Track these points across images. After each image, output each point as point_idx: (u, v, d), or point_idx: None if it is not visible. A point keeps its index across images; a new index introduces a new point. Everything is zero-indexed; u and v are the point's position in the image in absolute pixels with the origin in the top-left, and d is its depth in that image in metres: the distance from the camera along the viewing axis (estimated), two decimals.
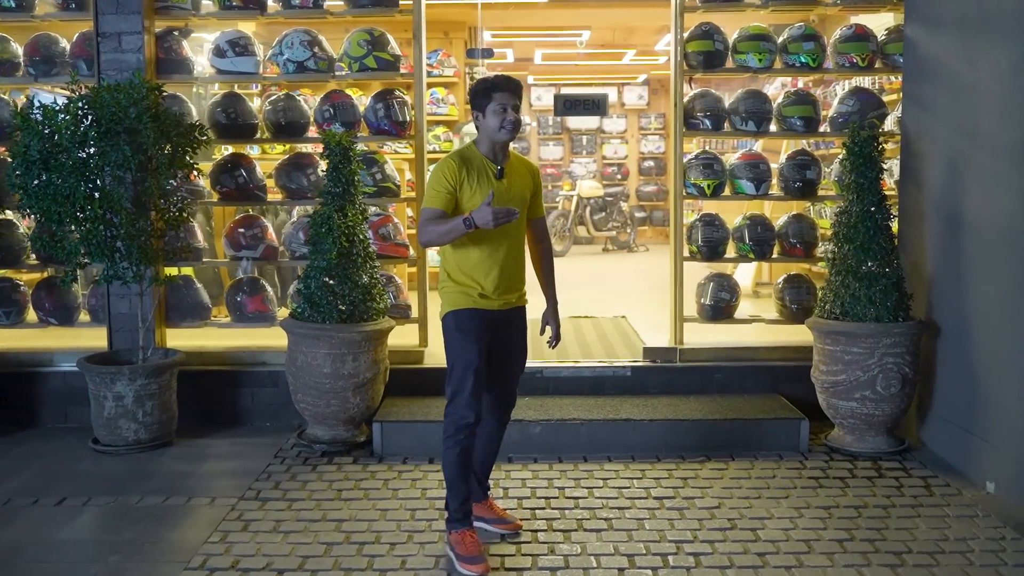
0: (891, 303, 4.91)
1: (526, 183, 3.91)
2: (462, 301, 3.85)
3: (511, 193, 3.81)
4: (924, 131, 5.23)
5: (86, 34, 5.69)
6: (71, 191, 4.83)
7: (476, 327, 3.81)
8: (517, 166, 3.90)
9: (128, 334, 5.55)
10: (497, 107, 3.71)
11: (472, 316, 3.82)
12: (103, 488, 4.63)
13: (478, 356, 3.79)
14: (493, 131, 3.74)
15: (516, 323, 3.98)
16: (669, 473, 4.78)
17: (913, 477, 4.69)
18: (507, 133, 3.74)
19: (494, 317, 3.86)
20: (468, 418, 3.76)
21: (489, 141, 3.80)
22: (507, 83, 3.74)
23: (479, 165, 3.79)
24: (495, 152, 3.82)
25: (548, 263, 4.10)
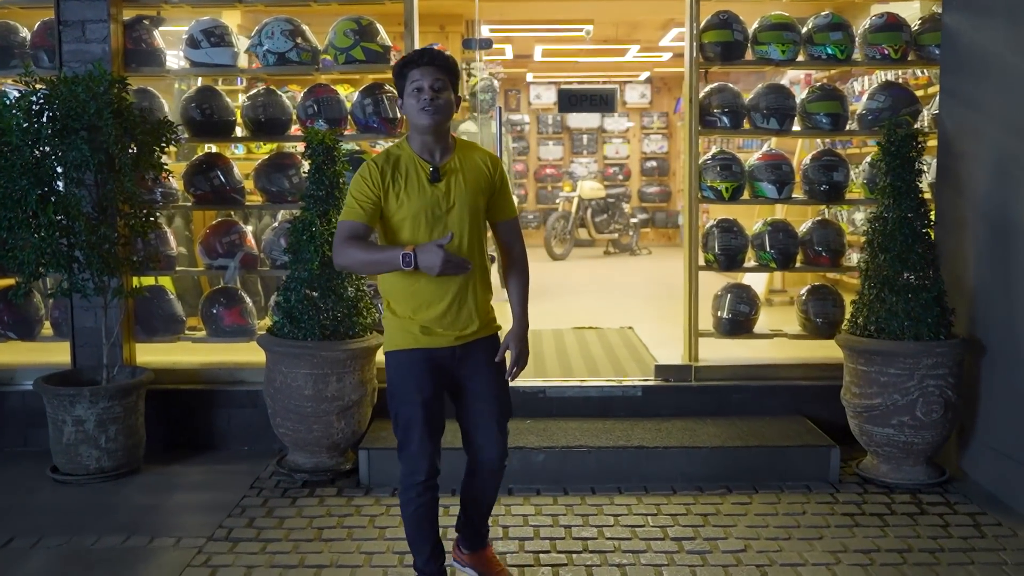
0: (932, 319, 4.44)
1: (480, 180, 3.19)
2: (400, 339, 3.19)
3: (455, 197, 3.13)
4: (966, 129, 4.76)
5: (48, 23, 5.21)
6: (23, 195, 4.34)
7: (419, 373, 3.15)
8: (467, 160, 3.20)
9: (94, 350, 5.07)
10: (412, 87, 3.07)
11: (413, 359, 3.16)
12: (57, 525, 4.16)
13: (422, 408, 3.14)
14: (413, 116, 3.09)
15: (481, 359, 3.25)
16: (687, 508, 4.30)
17: (959, 514, 4.21)
18: (428, 116, 3.05)
19: (444, 356, 3.19)
20: (417, 476, 3.17)
21: (416, 133, 3.14)
22: (421, 56, 3.10)
23: (409, 165, 3.13)
24: (428, 146, 3.14)
25: (519, 275, 3.35)
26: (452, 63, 3.16)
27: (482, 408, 3.29)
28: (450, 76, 3.13)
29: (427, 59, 3.09)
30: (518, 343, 3.28)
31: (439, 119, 3.09)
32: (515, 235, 3.36)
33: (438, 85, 3.07)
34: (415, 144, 3.17)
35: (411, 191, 3.11)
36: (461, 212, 3.14)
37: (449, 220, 3.12)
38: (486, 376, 3.27)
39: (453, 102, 3.15)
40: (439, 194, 3.12)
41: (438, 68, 3.09)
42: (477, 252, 3.19)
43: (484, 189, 3.21)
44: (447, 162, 3.17)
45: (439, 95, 3.06)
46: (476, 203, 3.18)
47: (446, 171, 3.15)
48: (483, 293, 3.26)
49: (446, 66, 3.12)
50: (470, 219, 3.16)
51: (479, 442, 3.32)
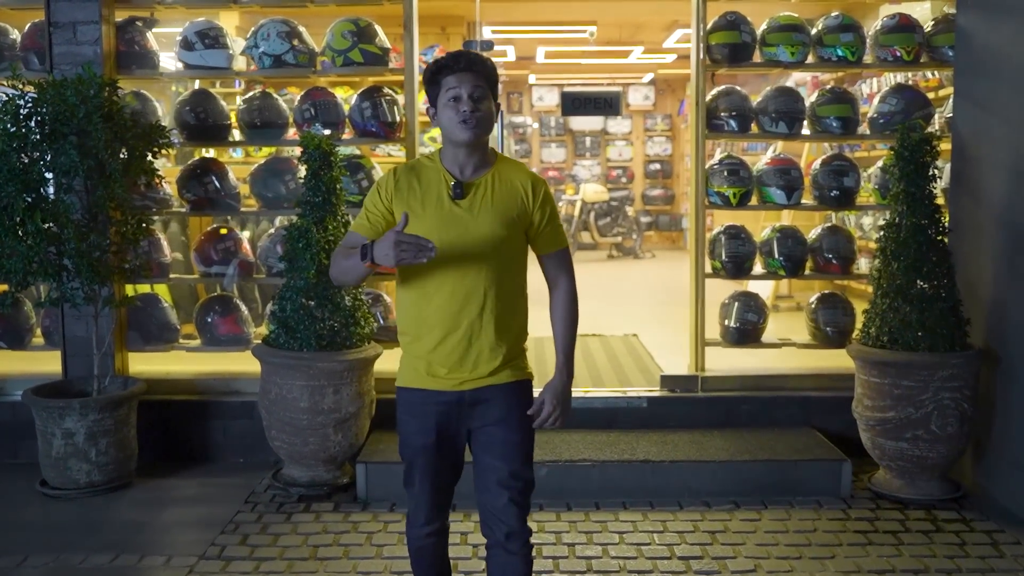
0: (947, 329, 4.31)
1: (512, 204, 2.74)
2: (406, 374, 2.82)
3: (478, 217, 2.70)
4: (981, 133, 4.63)
5: (38, 24, 5.09)
6: (9, 202, 4.21)
7: (420, 416, 2.76)
8: (503, 180, 2.77)
9: (85, 359, 4.94)
10: (448, 96, 2.69)
11: (415, 399, 2.79)
12: (45, 542, 4.02)
13: (421, 455, 2.78)
14: (449, 129, 2.70)
15: (494, 410, 2.75)
16: (694, 525, 4.17)
17: (976, 532, 4.07)
18: (467, 130, 2.66)
19: (448, 402, 2.75)
20: (416, 519, 2.87)
21: (450, 146, 2.76)
22: (457, 61, 2.70)
23: (434, 179, 2.75)
24: (459, 160, 2.75)
25: (563, 314, 2.87)
26: (492, 68, 2.77)
27: (491, 471, 2.77)
28: (490, 83, 2.74)
29: (464, 64, 2.71)
30: (555, 398, 2.76)
31: (479, 133, 2.70)
32: (560, 269, 2.88)
33: (478, 94, 2.68)
34: (447, 157, 2.78)
35: (427, 206, 2.72)
36: (482, 237, 2.70)
37: (468, 246, 2.70)
38: (500, 432, 2.76)
39: (494, 112, 2.76)
40: (459, 212, 2.71)
41: (477, 74, 2.71)
42: (503, 285, 2.74)
43: (517, 215, 2.75)
44: (478, 178, 2.75)
45: (479, 105, 2.68)
46: (503, 229, 2.73)
47: (475, 187, 2.74)
48: (507, 330, 2.77)
49: (486, 72, 2.74)
50: (492, 247, 2.71)
51: (487, 512, 2.81)
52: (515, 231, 2.75)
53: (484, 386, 2.74)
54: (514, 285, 2.80)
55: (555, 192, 15.89)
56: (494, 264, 2.71)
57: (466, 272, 2.69)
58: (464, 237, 2.69)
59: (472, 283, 2.70)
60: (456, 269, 2.69)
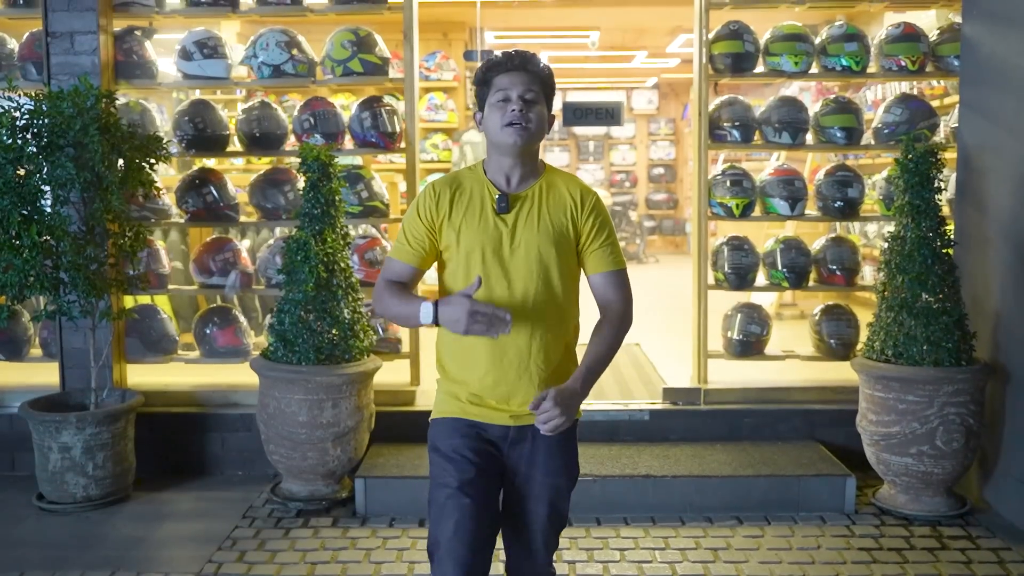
0: (952, 344, 4.25)
1: (561, 217, 2.51)
2: (445, 404, 2.58)
3: (523, 234, 2.48)
4: (987, 144, 4.58)
5: (36, 34, 5.04)
6: (5, 215, 4.17)
7: (460, 448, 2.49)
8: (551, 191, 2.53)
9: (83, 371, 4.90)
10: (497, 97, 2.47)
11: (455, 431, 2.52)
12: (41, 558, 3.99)
13: (459, 494, 2.43)
14: (494, 133, 2.47)
15: (539, 450, 2.53)
16: (696, 542, 4.12)
17: (982, 549, 4.02)
18: (515, 134, 2.42)
19: (496, 436, 2.54)
20: None
21: (495, 153, 2.53)
22: (510, 60, 2.49)
23: (476, 191, 2.52)
24: (505, 169, 2.52)
25: (606, 330, 2.53)
26: (548, 73, 2.53)
27: (528, 512, 2.56)
28: (545, 88, 2.51)
29: (519, 62, 2.49)
30: (560, 398, 2.32)
31: (528, 138, 2.45)
32: (615, 290, 2.57)
33: (530, 96, 2.46)
34: (491, 167, 2.55)
35: (470, 221, 2.49)
36: (528, 255, 2.48)
37: (513, 264, 2.47)
38: (542, 473, 2.53)
39: (546, 120, 2.52)
40: (503, 229, 2.48)
41: (531, 76, 2.48)
42: (553, 308, 2.51)
43: (565, 230, 2.51)
44: (525, 190, 2.52)
45: (530, 108, 2.45)
46: (551, 246, 2.49)
47: (521, 200, 2.51)
48: (558, 362, 2.54)
49: (541, 75, 2.51)
50: (540, 265, 2.48)
51: (514, 550, 2.65)
52: (565, 248, 2.51)
53: (532, 423, 2.43)
54: (565, 308, 2.55)
55: None
56: (543, 285, 2.49)
57: (513, 293, 2.47)
58: (510, 255, 2.48)
59: (520, 306, 2.46)
60: (502, 290, 2.47)
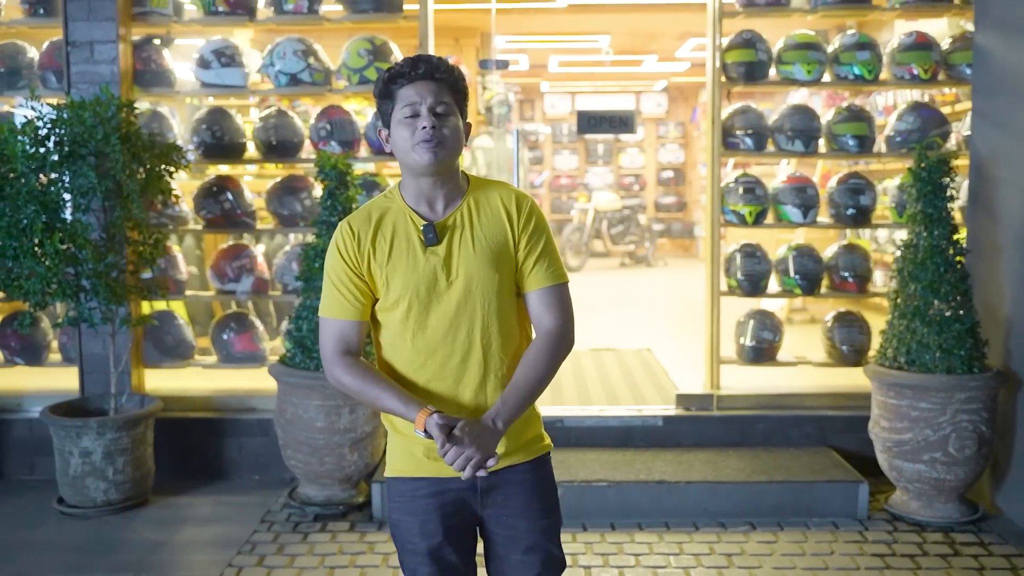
0: (965, 351, 4.28)
1: (498, 230, 2.22)
2: (399, 462, 2.27)
3: (460, 266, 2.18)
4: (1000, 152, 4.60)
5: (56, 43, 5.11)
6: (28, 223, 4.23)
7: (423, 511, 2.23)
8: (482, 207, 2.23)
9: (102, 376, 4.96)
10: (404, 112, 2.15)
11: (415, 493, 2.23)
12: (63, 562, 4.04)
13: (428, 560, 2.24)
14: (405, 152, 2.15)
15: (516, 493, 2.27)
16: (710, 547, 4.15)
17: (994, 556, 4.05)
18: (427, 151, 2.12)
19: (457, 490, 2.23)
20: None
21: (410, 176, 2.20)
22: (414, 67, 2.15)
23: (399, 224, 2.20)
24: (426, 194, 2.20)
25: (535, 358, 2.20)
26: (459, 77, 2.22)
27: (518, 562, 2.30)
28: (457, 96, 2.21)
29: (424, 71, 2.16)
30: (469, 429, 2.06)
31: (444, 156, 2.14)
32: (551, 309, 2.24)
33: (442, 108, 2.15)
34: (409, 192, 2.22)
35: (398, 262, 2.18)
36: (469, 286, 2.18)
37: (453, 301, 2.18)
38: (526, 519, 2.28)
39: (462, 131, 2.21)
40: (436, 263, 2.17)
41: (440, 84, 2.17)
42: (505, 339, 2.22)
43: (505, 246, 2.21)
44: (451, 214, 2.21)
45: (444, 121, 2.15)
46: (492, 269, 2.19)
47: (447, 229, 2.19)
48: None
49: (452, 81, 2.19)
50: (483, 295, 2.18)
51: None
52: (507, 267, 2.22)
53: (501, 468, 2.21)
54: (517, 336, 2.27)
55: (567, 199, 15.84)
56: (490, 316, 2.19)
57: (458, 332, 2.18)
58: (449, 291, 2.18)
59: (466, 344, 2.19)
60: (445, 330, 2.18)
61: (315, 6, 5.15)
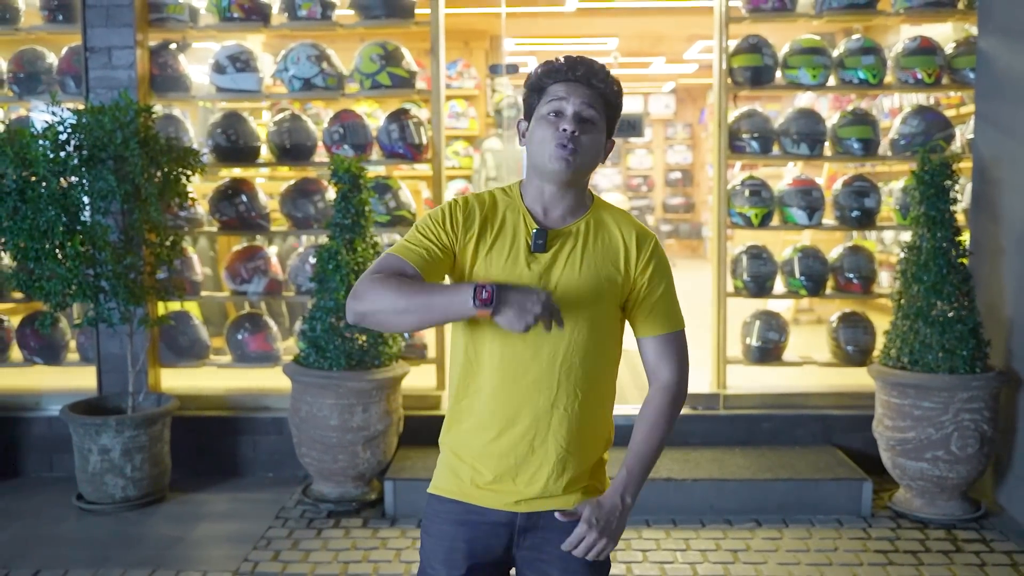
0: (967, 352, 4.35)
1: (610, 262, 2.05)
2: (441, 478, 2.14)
3: (561, 278, 2.02)
4: (1002, 156, 4.68)
5: (74, 49, 5.21)
6: (50, 225, 4.33)
7: (452, 537, 2.08)
8: (599, 229, 2.07)
9: (119, 375, 5.06)
10: (549, 108, 2.01)
11: (449, 515, 2.10)
12: (83, 557, 4.14)
13: None
14: (537, 153, 2.02)
15: (551, 546, 2.04)
16: (716, 544, 4.24)
17: (996, 552, 4.12)
18: (559, 159, 1.97)
19: (494, 524, 2.07)
20: None
21: (535, 177, 2.06)
22: (573, 69, 2.01)
23: (510, 219, 2.06)
24: (546, 198, 2.06)
25: (655, 421, 2.10)
26: (616, 91, 2.06)
27: None
28: (608, 110, 2.05)
29: (582, 73, 2.02)
30: (598, 513, 1.95)
31: (577, 166, 2.00)
32: (670, 359, 2.10)
33: (588, 114, 2.00)
34: (529, 192, 2.08)
35: (498, 254, 2.03)
36: (563, 305, 1.98)
37: None
38: (559, 570, 2.06)
39: (603, 146, 2.06)
40: (538, 269, 2.02)
41: (594, 91, 2.02)
42: (585, 372, 2.04)
43: (613, 280, 2.05)
44: (568, 226, 2.06)
45: (586, 129, 2.00)
46: (593, 297, 2.03)
47: (559, 238, 2.04)
48: (584, 433, 2.08)
49: (606, 93, 2.04)
50: (575, 319, 2.01)
51: None
52: (609, 302, 2.06)
53: (545, 510, 2.04)
54: (600, 373, 2.08)
55: None
56: (576, 344, 2.02)
57: (538, 350, 2.01)
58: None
59: (544, 366, 2.01)
60: (524, 345, 2.00)
61: (328, 12, 5.25)
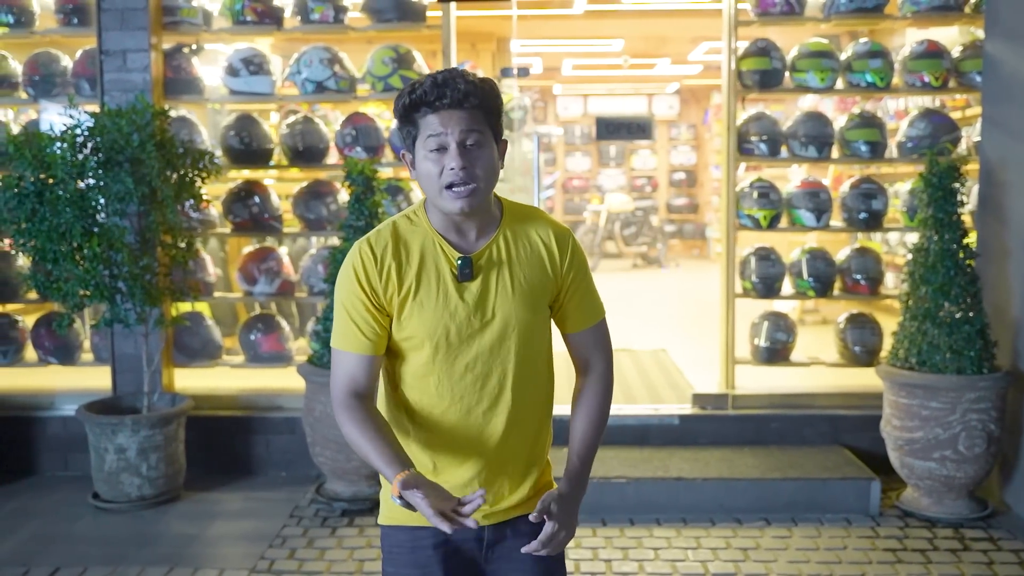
0: (974, 352, 4.40)
1: (538, 273, 2.00)
2: (396, 508, 1.99)
3: (500, 305, 1.96)
4: (1009, 158, 4.72)
5: (89, 52, 5.27)
6: (68, 227, 4.39)
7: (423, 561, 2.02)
8: (519, 241, 2.00)
9: (133, 375, 5.12)
10: (430, 145, 1.89)
11: (414, 544, 2.02)
12: (101, 555, 4.19)
13: None
14: (431, 192, 1.92)
15: (518, 552, 2.00)
16: (727, 542, 4.28)
17: (1003, 551, 4.17)
18: (457, 199, 1.88)
19: (464, 541, 2.03)
20: None
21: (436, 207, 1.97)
22: (440, 98, 1.87)
23: (428, 252, 1.96)
24: (455, 223, 1.96)
25: (593, 411, 2.08)
26: (491, 95, 1.93)
27: None
28: (490, 117, 1.93)
29: (452, 98, 1.87)
30: (562, 508, 1.92)
31: (477, 201, 1.91)
32: (598, 348, 2.10)
33: (473, 140, 1.88)
34: (436, 218, 1.97)
35: (426, 295, 1.94)
36: (505, 330, 1.96)
37: (485, 346, 1.96)
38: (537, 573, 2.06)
39: (497, 158, 1.95)
40: (470, 301, 1.94)
41: (472, 112, 1.89)
42: (534, 388, 2.03)
43: (546, 287, 2.01)
44: (486, 247, 1.97)
45: (476, 155, 1.89)
46: (530, 312, 1.98)
47: (483, 264, 1.96)
48: (538, 442, 2.08)
49: (484, 104, 1.91)
50: (519, 340, 1.97)
51: None
52: (542, 310, 2.02)
53: (511, 519, 2.05)
54: (544, 380, 2.07)
55: (579, 201, 15.96)
56: (523, 363, 1.98)
57: (488, 378, 1.97)
58: (482, 334, 1.95)
59: (496, 391, 1.98)
60: (475, 376, 1.96)
61: (340, 15, 5.30)
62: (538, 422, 2.06)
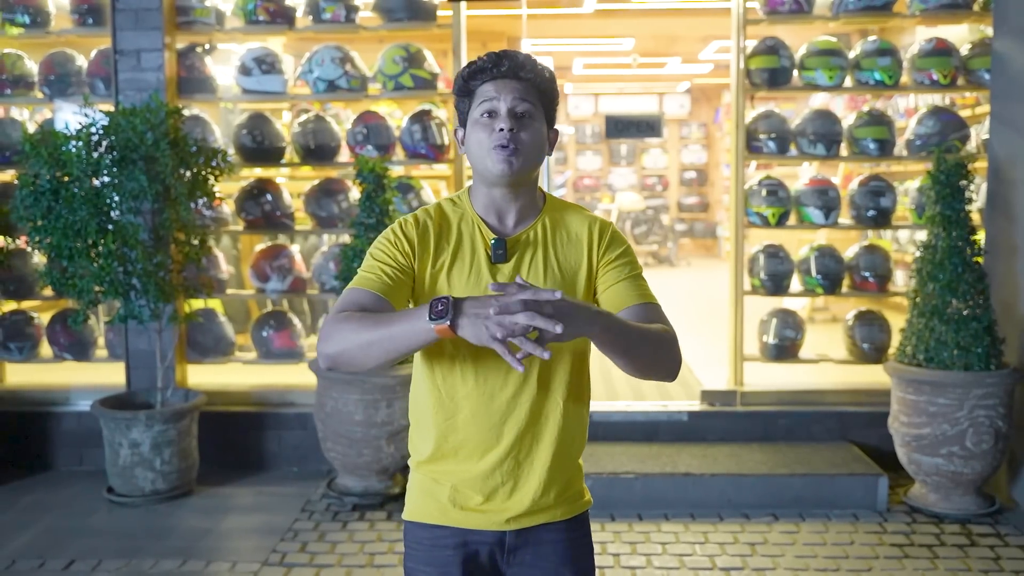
0: (982, 349, 4.42)
1: (575, 262, 1.97)
2: (420, 504, 2.00)
3: None
4: (1017, 155, 4.73)
5: (104, 51, 5.33)
6: (83, 224, 4.45)
7: (441, 560, 1.96)
8: (558, 230, 1.98)
9: (147, 371, 5.18)
10: (481, 110, 1.92)
11: (434, 539, 1.97)
12: (116, 548, 4.25)
13: None
14: (479, 158, 1.91)
15: (549, 558, 1.98)
16: (734, 537, 4.31)
17: (1010, 546, 4.19)
18: (501, 160, 1.87)
19: (483, 544, 1.97)
20: None
21: (482, 184, 1.96)
22: (497, 65, 1.92)
23: (465, 232, 1.96)
24: (497, 204, 1.96)
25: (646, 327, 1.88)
26: (548, 79, 1.96)
27: None
28: (544, 99, 1.95)
29: (509, 68, 1.91)
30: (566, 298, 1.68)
31: (520, 166, 1.89)
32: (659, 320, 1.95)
33: (523, 109, 1.90)
34: (479, 200, 1.97)
35: (459, 272, 1.93)
36: None
37: None
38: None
39: (545, 139, 1.96)
40: (503, 281, 1.92)
41: (526, 84, 1.92)
42: (563, 381, 1.94)
43: (580, 277, 1.97)
44: (524, 231, 1.96)
45: (524, 125, 1.90)
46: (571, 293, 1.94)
47: (518, 246, 1.95)
48: (566, 444, 1.97)
49: (538, 83, 1.94)
50: None
51: None
52: (579, 296, 1.96)
53: (537, 525, 1.97)
54: (577, 374, 1.98)
55: (591, 201, 15.99)
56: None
57: (511, 369, 1.89)
58: None
59: (520, 381, 1.92)
60: (498, 362, 1.86)
61: (352, 15, 5.35)
62: (568, 419, 1.94)
